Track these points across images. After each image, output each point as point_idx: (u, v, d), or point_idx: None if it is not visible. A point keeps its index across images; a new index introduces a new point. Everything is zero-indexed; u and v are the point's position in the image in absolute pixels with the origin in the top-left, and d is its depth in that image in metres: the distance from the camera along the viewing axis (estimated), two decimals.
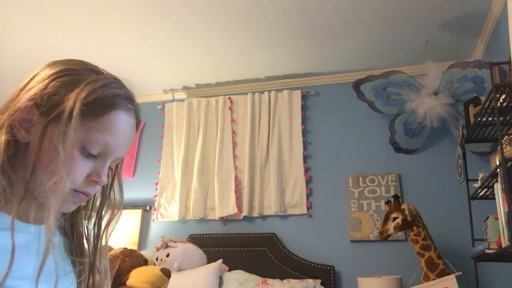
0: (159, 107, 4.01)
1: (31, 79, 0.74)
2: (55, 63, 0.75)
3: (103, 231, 0.82)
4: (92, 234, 0.83)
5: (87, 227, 0.83)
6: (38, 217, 0.76)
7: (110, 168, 0.78)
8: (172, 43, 3.23)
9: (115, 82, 0.77)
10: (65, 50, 3.29)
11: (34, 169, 0.69)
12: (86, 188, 0.74)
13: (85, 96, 0.70)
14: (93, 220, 0.83)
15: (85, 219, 0.84)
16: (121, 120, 0.75)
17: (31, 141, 0.71)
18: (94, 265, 0.81)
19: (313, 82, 3.77)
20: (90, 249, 0.82)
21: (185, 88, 4.00)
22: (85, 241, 0.83)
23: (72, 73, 0.73)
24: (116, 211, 0.82)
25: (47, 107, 0.70)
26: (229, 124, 3.78)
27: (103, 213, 0.82)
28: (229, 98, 3.84)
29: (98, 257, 0.82)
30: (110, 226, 0.82)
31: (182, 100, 3.97)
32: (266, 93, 3.76)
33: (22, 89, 0.73)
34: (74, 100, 0.69)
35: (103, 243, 0.83)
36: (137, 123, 0.80)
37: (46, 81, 0.72)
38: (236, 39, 3.17)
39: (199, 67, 3.63)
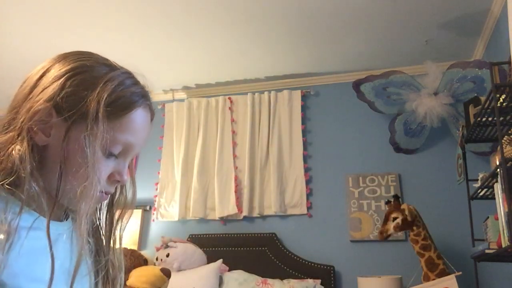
0: (159, 107, 4.01)
1: (42, 76, 0.71)
2: (65, 58, 0.73)
3: (115, 225, 0.81)
4: (104, 229, 0.82)
5: (99, 221, 0.83)
6: (57, 214, 0.75)
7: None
8: (172, 43, 3.23)
9: (130, 77, 0.76)
10: (65, 50, 3.27)
11: (62, 174, 0.68)
12: (109, 188, 0.74)
13: (107, 96, 0.69)
14: (104, 214, 0.82)
15: (98, 215, 0.83)
16: (141, 118, 0.74)
17: (50, 144, 0.69)
18: (108, 260, 0.81)
19: (313, 82, 3.77)
20: (105, 244, 0.82)
21: (185, 88, 4.00)
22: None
23: (88, 70, 0.71)
24: (127, 205, 0.82)
25: (67, 108, 0.68)
26: (229, 124, 3.78)
27: (114, 208, 0.81)
28: (229, 98, 3.84)
29: (112, 251, 0.81)
30: (123, 220, 0.81)
31: (182, 100, 3.97)
32: (266, 93, 3.76)
33: (33, 88, 0.70)
34: (97, 101, 0.68)
35: (117, 237, 0.82)
36: (152, 118, 0.79)
37: (62, 79, 0.69)
38: (236, 39, 3.17)
39: (199, 67, 3.63)
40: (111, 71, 0.73)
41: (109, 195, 0.77)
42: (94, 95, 0.68)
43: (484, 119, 2.34)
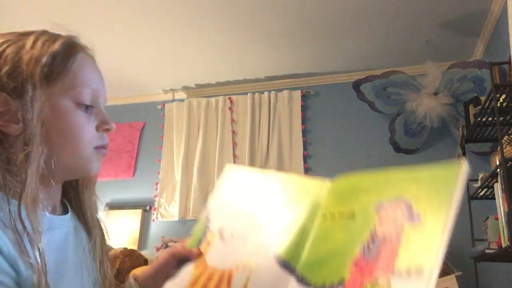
0: (159, 107, 4.01)
1: None
2: None
3: (84, 193, 0.80)
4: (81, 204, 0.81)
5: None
6: (56, 207, 0.74)
7: None
8: (172, 43, 3.23)
9: (50, 33, 0.74)
10: None
11: (47, 151, 0.65)
12: (102, 140, 0.73)
13: (40, 57, 0.66)
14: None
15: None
16: (86, 61, 0.74)
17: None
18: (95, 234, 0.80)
19: (313, 82, 3.77)
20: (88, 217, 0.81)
21: (185, 88, 4.00)
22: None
23: (11, 43, 0.67)
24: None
25: (16, 86, 0.65)
26: (229, 124, 3.78)
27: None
28: (229, 98, 3.84)
29: (89, 213, 0.80)
30: (89, 188, 0.80)
31: (182, 100, 3.97)
32: (266, 93, 3.76)
33: None
34: (36, 65, 0.66)
35: (91, 206, 0.81)
36: (94, 59, 0.79)
37: None
38: (236, 39, 3.17)
39: (199, 67, 3.63)
40: (30, 35, 0.70)
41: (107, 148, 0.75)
42: (30, 61, 0.66)
43: (484, 119, 2.34)
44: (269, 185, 0.88)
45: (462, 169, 0.63)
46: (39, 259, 0.59)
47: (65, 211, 0.76)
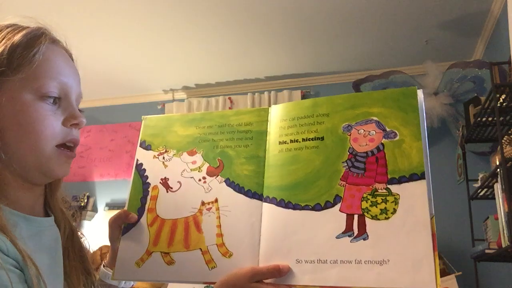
0: (159, 107, 4.01)
1: None
2: None
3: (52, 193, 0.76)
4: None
5: None
6: (35, 209, 0.71)
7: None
8: (172, 43, 3.23)
9: (16, 25, 0.72)
10: None
11: (7, 150, 0.63)
12: (69, 135, 0.68)
13: (7, 48, 0.65)
14: None
15: None
16: (55, 52, 0.71)
17: None
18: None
19: (313, 82, 3.77)
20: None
21: (185, 88, 4.00)
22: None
23: None
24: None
25: None
26: None
27: None
28: (229, 98, 3.84)
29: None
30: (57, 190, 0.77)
31: (182, 100, 3.97)
32: (266, 93, 3.76)
33: None
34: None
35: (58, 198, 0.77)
36: (69, 55, 0.76)
37: None
38: (236, 39, 3.17)
39: (199, 67, 3.63)
40: None
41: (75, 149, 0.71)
42: None
43: (484, 119, 2.34)
44: (203, 124, 0.85)
45: (415, 88, 0.72)
46: (33, 261, 0.58)
47: (45, 213, 0.74)
